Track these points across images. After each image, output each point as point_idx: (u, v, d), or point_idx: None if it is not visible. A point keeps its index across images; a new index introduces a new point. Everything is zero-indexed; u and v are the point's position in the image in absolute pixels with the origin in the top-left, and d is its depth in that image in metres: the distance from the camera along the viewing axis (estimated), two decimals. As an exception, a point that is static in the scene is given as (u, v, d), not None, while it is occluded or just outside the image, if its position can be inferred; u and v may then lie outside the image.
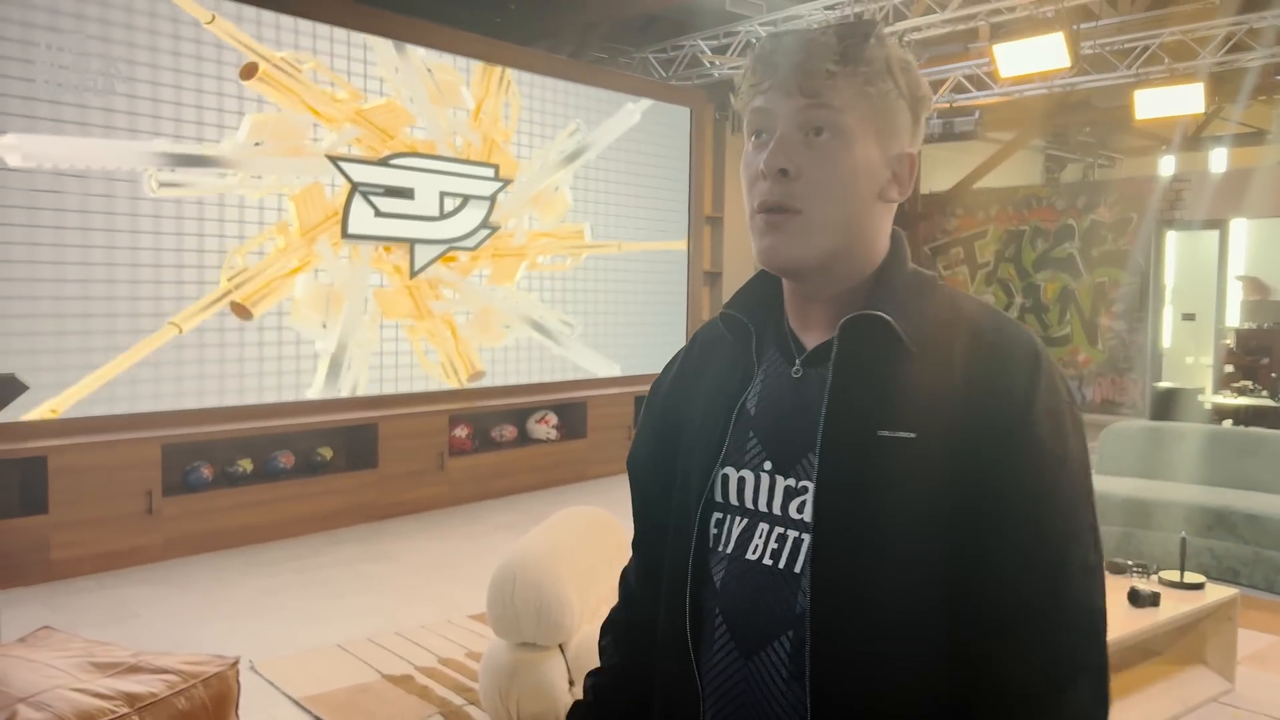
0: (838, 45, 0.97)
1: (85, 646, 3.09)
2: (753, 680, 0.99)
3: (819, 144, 0.97)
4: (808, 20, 7.74)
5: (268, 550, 5.44)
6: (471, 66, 6.90)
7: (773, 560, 0.99)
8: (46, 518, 4.78)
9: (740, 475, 1.03)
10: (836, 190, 0.98)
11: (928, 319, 1.00)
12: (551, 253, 7.58)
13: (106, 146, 5.13)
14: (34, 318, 4.91)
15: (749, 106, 1.02)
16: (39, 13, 4.85)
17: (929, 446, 0.94)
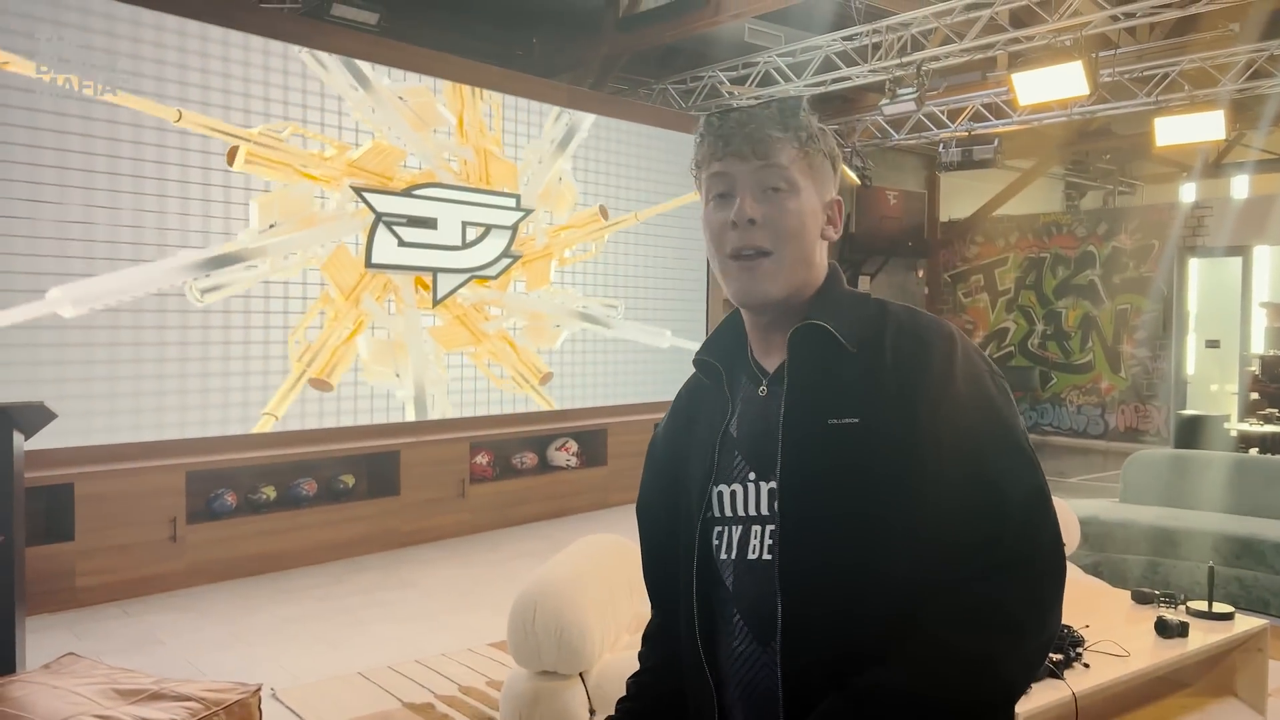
0: (779, 116, 1.20)
1: (109, 673, 3.11)
2: (771, 663, 1.14)
3: (775, 197, 1.19)
4: (825, 49, 7.80)
5: (290, 577, 5.46)
6: (440, 84, 6.73)
7: (771, 555, 1.15)
8: (73, 545, 4.83)
9: (731, 489, 1.21)
10: (794, 232, 1.19)
11: (861, 323, 1.19)
12: (575, 244, 7.66)
13: (144, 272, 5.31)
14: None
15: (708, 172, 1.22)
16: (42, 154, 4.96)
17: (872, 427, 1.12)
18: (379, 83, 6.29)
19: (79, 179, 5.03)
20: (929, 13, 7.06)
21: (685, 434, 1.32)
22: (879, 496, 1.10)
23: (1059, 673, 2.70)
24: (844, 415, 1.13)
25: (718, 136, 1.21)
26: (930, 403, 1.11)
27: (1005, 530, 1.08)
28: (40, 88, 4.85)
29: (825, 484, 1.12)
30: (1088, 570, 4.60)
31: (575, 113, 7.71)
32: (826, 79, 8.06)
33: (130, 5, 5.16)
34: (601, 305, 7.83)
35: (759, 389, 1.23)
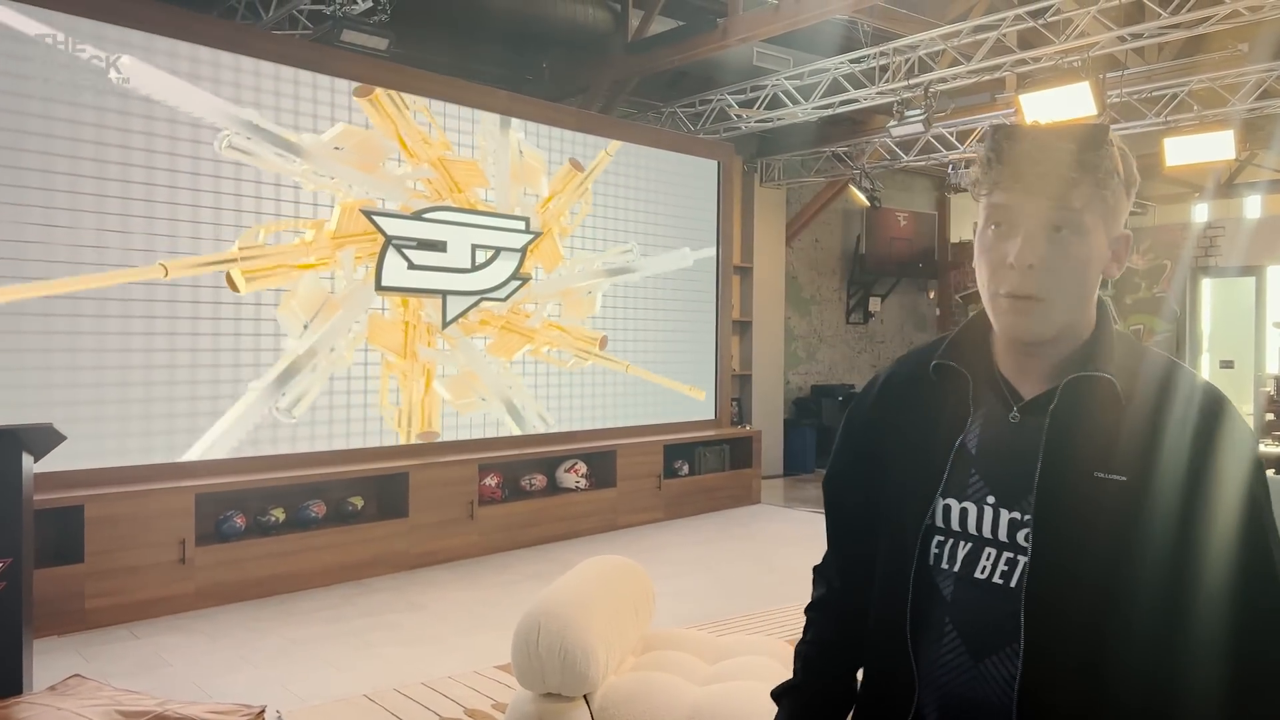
0: (1078, 153, 1.12)
1: (113, 695, 3.12)
2: (982, 679, 1.16)
3: (1059, 239, 1.14)
4: (833, 72, 7.83)
5: (299, 600, 5.46)
6: (555, 160, 7.27)
7: (1003, 580, 1.16)
8: (82, 567, 4.84)
9: (962, 506, 1.20)
10: (1074, 279, 1.15)
11: (1137, 376, 1.17)
12: (560, 347, 7.52)
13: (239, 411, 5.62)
14: (99, 386, 5.02)
15: (989, 199, 1.17)
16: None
17: (1140, 488, 1.11)
18: (305, 143, 5.99)
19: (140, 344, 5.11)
20: (936, 35, 7.09)
21: (895, 427, 1.30)
22: (1134, 554, 1.11)
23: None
24: (1111, 471, 1.12)
25: (1008, 164, 1.14)
26: (1213, 486, 1.11)
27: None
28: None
29: (1082, 533, 1.12)
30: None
31: (640, 259, 8.04)
32: (834, 101, 8.09)
33: (139, 31, 5.24)
34: (619, 254, 7.87)
35: (1010, 414, 1.20)
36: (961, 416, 1.23)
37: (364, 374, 6.28)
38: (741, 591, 5.74)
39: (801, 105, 8.22)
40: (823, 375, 11.81)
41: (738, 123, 8.78)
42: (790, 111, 8.35)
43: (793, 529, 7.64)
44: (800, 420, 11.02)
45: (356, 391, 6.23)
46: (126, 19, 5.20)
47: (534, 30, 7.73)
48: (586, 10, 7.89)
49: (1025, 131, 1.16)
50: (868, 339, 12.45)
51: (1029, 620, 1.12)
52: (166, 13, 5.41)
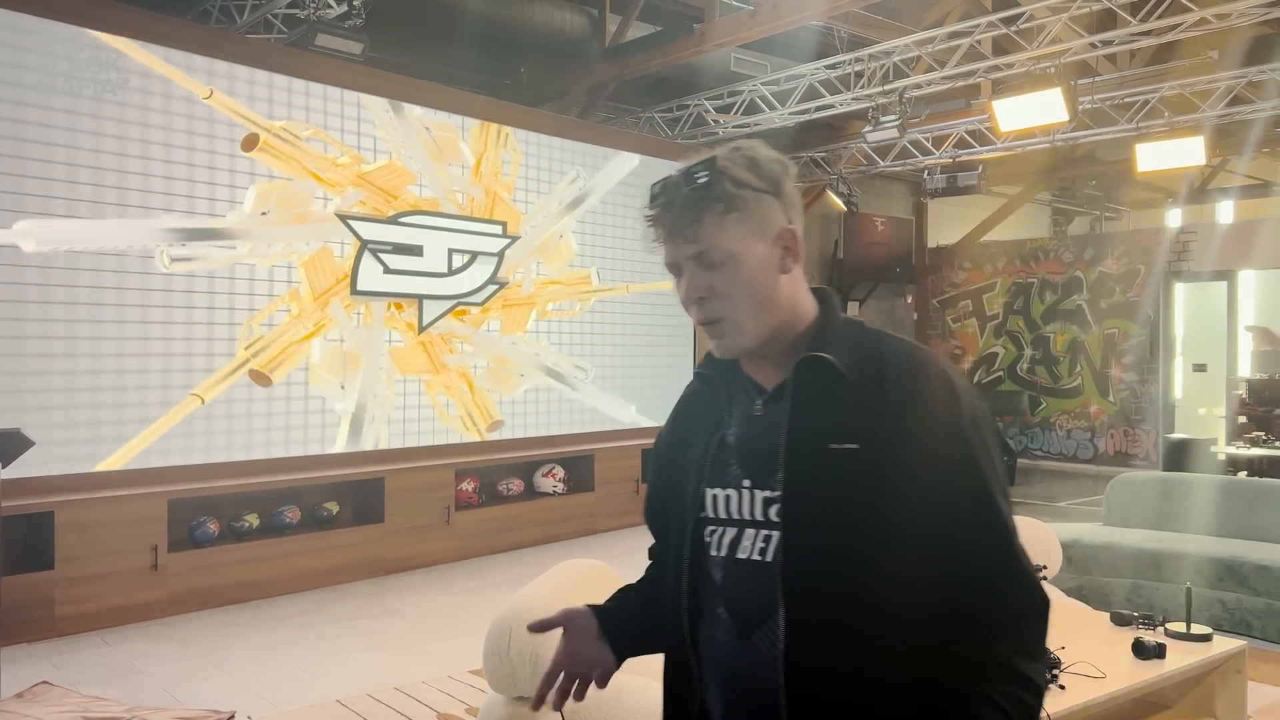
0: (696, 193, 1.23)
1: (81, 702, 3.10)
2: (751, 654, 1.23)
3: (716, 268, 1.24)
4: (809, 78, 7.87)
5: (273, 605, 5.43)
6: (468, 123, 6.99)
7: (760, 556, 1.23)
8: (52, 573, 4.80)
9: (726, 494, 1.29)
10: (744, 294, 1.25)
11: (861, 354, 1.26)
12: (560, 299, 7.67)
13: (118, 226, 5.26)
14: (47, 392, 4.98)
15: (663, 261, 1.30)
16: (54, 96, 5.00)
17: (869, 454, 1.19)
18: (410, 109, 6.50)
19: (88, 124, 5.15)
20: (911, 41, 7.14)
21: (684, 436, 1.40)
22: (872, 513, 1.18)
23: (1034, 695, 2.68)
24: (844, 441, 1.20)
25: (655, 224, 1.27)
26: (927, 441, 1.20)
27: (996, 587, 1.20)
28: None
29: (825, 500, 1.20)
30: (1071, 594, 4.59)
31: (590, 179, 7.88)
32: (811, 107, 8.13)
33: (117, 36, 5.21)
34: (572, 364, 7.80)
35: (755, 406, 1.30)
36: (720, 416, 1.34)
37: (417, 402, 6.59)
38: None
39: (779, 110, 8.26)
40: (801, 379, 11.82)
41: (715, 128, 8.81)
42: (767, 117, 8.38)
43: (770, 533, 7.64)
44: (779, 424, 11.02)
45: (411, 419, 6.58)
46: (107, 24, 5.17)
47: (511, 36, 7.73)
48: (564, 15, 7.89)
49: (661, 188, 1.28)
50: (846, 343, 12.46)
51: (787, 591, 1.19)
52: (144, 18, 5.38)
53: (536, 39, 7.87)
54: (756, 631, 1.22)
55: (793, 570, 1.20)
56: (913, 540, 1.18)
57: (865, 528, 1.18)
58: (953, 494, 1.20)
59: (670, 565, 1.35)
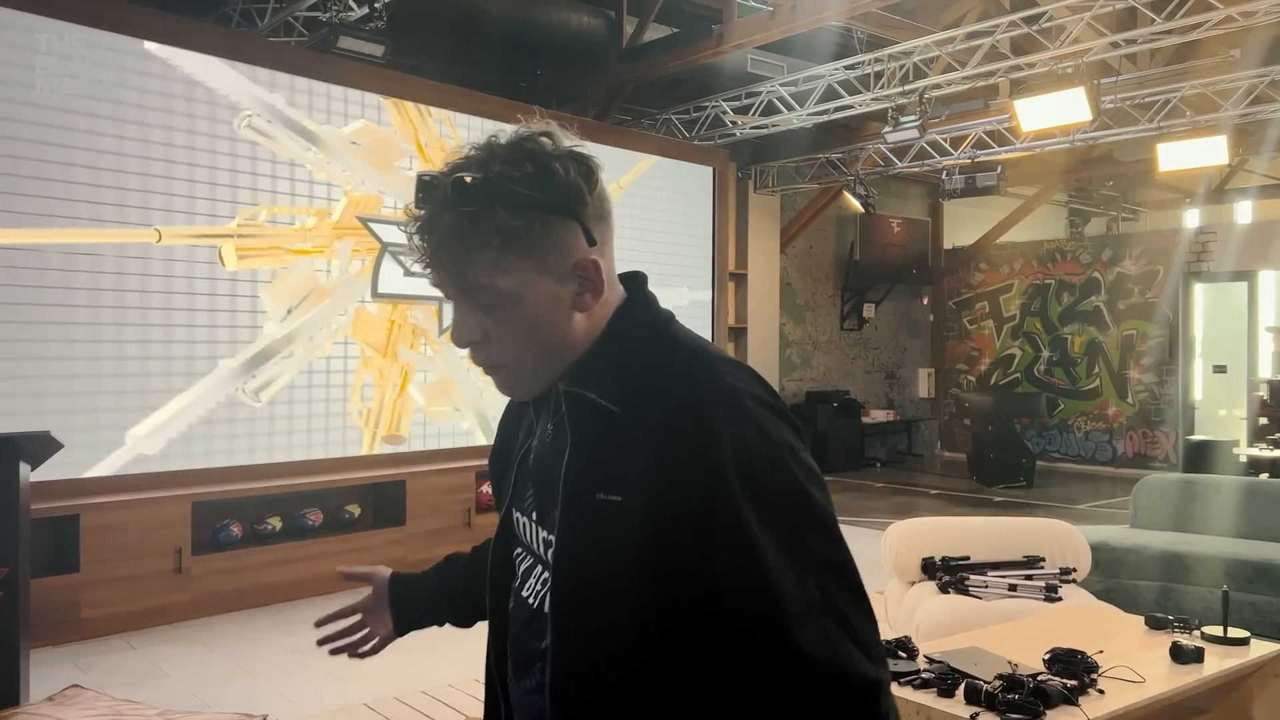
0: (458, 225, 0.99)
1: (113, 705, 3.09)
2: (522, 698, 1.12)
3: (489, 310, 1.03)
4: (828, 78, 7.85)
5: (296, 608, 5.43)
6: (485, 125, 6.85)
7: (535, 600, 1.11)
8: (77, 576, 4.80)
9: (523, 520, 1.16)
10: (525, 340, 1.05)
11: (634, 380, 1.04)
12: None
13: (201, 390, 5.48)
14: (69, 395, 5.00)
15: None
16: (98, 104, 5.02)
17: (633, 510, 0.99)
18: (327, 135, 6.06)
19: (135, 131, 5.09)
20: (930, 41, 7.11)
21: (507, 444, 1.25)
22: (633, 580, 0.99)
23: (1074, 699, 2.66)
24: (609, 490, 1.01)
25: (422, 236, 1.03)
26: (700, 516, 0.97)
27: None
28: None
29: (591, 558, 1.02)
30: (1099, 596, 4.55)
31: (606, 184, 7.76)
32: (829, 108, 8.11)
33: (133, 39, 5.23)
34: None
35: (547, 428, 1.14)
36: (529, 430, 1.19)
37: (333, 373, 6.13)
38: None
39: (797, 111, 8.24)
40: (818, 382, 11.82)
41: (732, 129, 8.79)
42: (785, 118, 8.36)
43: (790, 535, 7.61)
44: (795, 426, 10.99)
45: (325, 384, 6.06)
46: (131, 28, 5.19)
47: (529, 38, 7.72)
48: (581, 18, 7.89)
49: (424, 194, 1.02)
50: (862, 345, 12.46)
51: (556, 649, 1.04)
52: (168, 21, 5.39)
53: (553, 41, 7.86)
54: (524, 679, 1.11)
55: (560, 632, 1.03)
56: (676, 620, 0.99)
57: (625, 593, 0.99)
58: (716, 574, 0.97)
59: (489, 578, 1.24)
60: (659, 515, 0.98)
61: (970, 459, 10.86)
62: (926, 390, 13.05)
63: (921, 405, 13.12)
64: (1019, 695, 2.60)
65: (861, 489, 10.20)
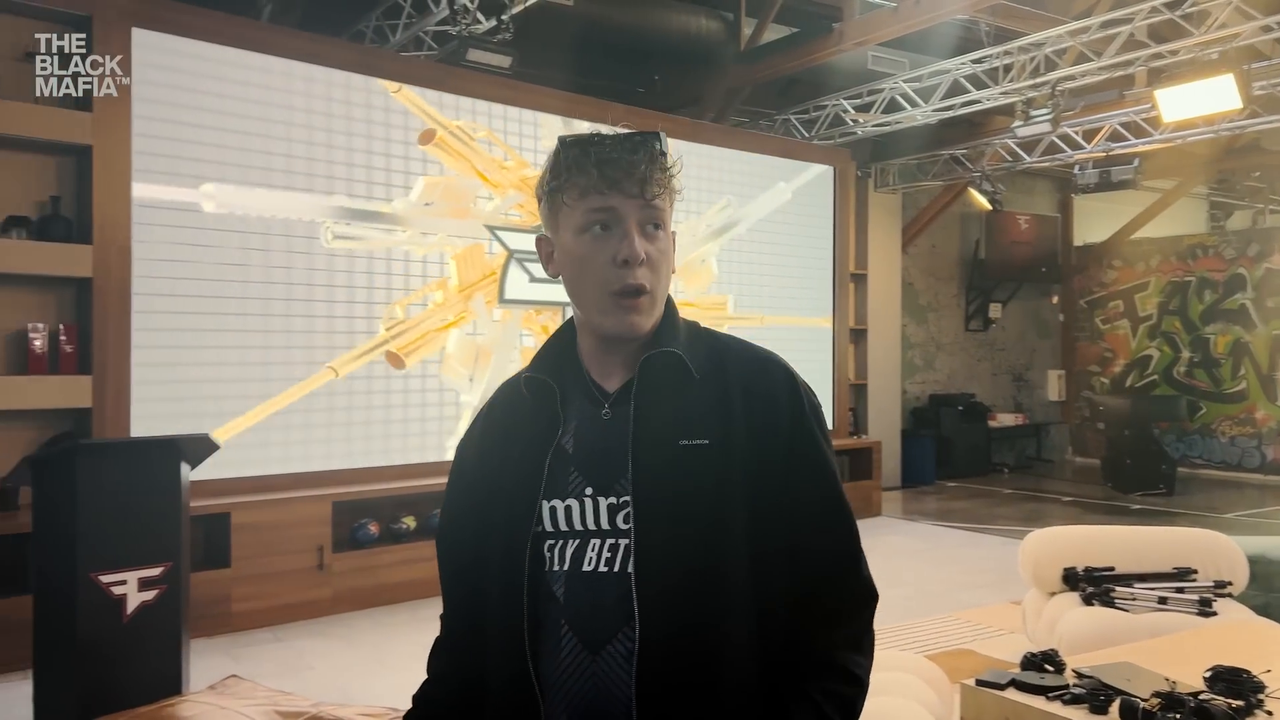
0: (658, 157, 1.23)
1: (269, 695, 3.24)
2: (600, 672, 1.16)
3: (654, 235, 1.24)
4: (954, 73, 7.66)
5: (429, 606, 5.58)
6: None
7: (608, 567, 1.18)
8: (229, 571, 5.06)
9: (566, 505, 1.22)
10: (666, 271, 1.26)
11: (703, 352, 1.28)
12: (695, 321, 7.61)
13: (292, 199, 5.55)
14: (214, 353, 5.26)
15: (590, 204, 1.22)
16: (254, 72, 5.29)
17: (721, 449, 1.20)
18: (402, 210, 6.07)
19: (237, 223, 5.34)
20: (1063, 31, 6.86)
21: (501, 450, 1.30)
22: (726, 513, 1.18)
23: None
24: (694, 437, 1.20)
25: (601, 171, 1.21)
26: (778, 437, 1.23)
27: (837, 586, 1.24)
28: (206, 147, 5.19)
29: (677, 501, 1.17)
30: (1258, 611, 4.30)
31: (740, 207, 7.88)
32: (955, 103, 7.90)
33: (281, 59, 5.49)
34: (718, 211, 7.81)
35: (601, 410, 1.25)
36: (555, 423, 1.26)
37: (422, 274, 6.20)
38: (868, 605, 5.63)
39: (921, 108, 8.06)
40: (941, 384, 11.54)
41: (853, 128, 8.66)
42: (908, 114, 8.19)
43: (915, 542, 7.46)
44: (918, 430, 10.77)
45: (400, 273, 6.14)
46: (270, 48, 5.44)
47: (646, 44, 7.79)
48: (699, 21, 7.91)
49: (603, 139, 1.24)
50: (988, 346, 12.11)
51: (641, 598, 1.14)
52: (303, 40, 5.64)
53: (671, 46, 7.91)
54: (607, 646, 1.16)
55: (644, 575, 1.15)
56: (761, 538, 1.19)
57: (715, 526, 1.17)
58: (802, 491, 1.22)
59: (499, 591, 1.24)
60: (750, 450, 1.20)
61: (1104, 465, 10.42)
62: (1057, 393, 12.58)
63: (1051, 409, 12.66)
64: (1180, 715, 2.48)
65: (989, 495, 9.90)
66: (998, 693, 2.77)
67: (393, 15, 6.27)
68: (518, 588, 1.21)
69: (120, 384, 4.91)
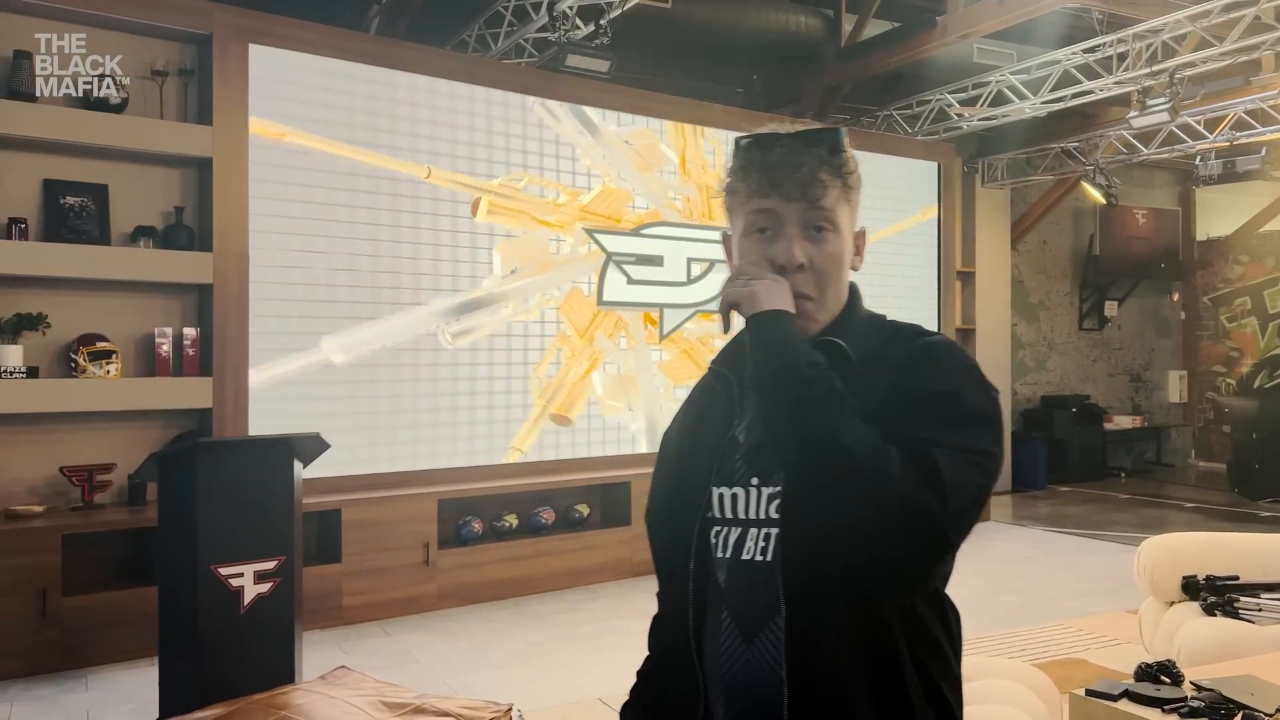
0: (827, 156, 1.22)
1: (376, 686, 3.34)
2: (753, 659, 1.19)
3: (818, 238, 1.24)
4: (1064, 63, 7.41)
5: (532, 603, 5.68)
6: (663, 125, 6.91)
7: (762, 556, 1.20)
8: (340, 566, 5.23)
9: (733, 492, 1.25)
10: (834, 275, 1.25)
11: (873, 345, 1.25)
12: None
13: (403, 319, 5.75)
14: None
15: (752, 208, 1.24)
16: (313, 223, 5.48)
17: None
18: (606, 129, 6.53)
19: (344, 230, 5.52)
20: (1182, 16, 6.56)
21: (693, 434, 1.36)
22: None
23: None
24: None
25: (764, 174, 1.23)
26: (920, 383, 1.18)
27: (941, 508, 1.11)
28: (316, 157, 5.38)
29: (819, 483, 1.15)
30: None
31: None
32: (1066, 94, 7.64)
33: (387, 69, 5.65)
34: None
35: None
36: (731, 412, 1.30)
37: (540, 334, 6.32)
38: (977, 613, 5.48)
39: (1029, 100, 7.82)
40: (1054, 385, 11.15)
41: (958, 122, 8.46)
42: (1016, 107, 7.95)
43: (1027, 548, 7.23)
44: (1029, 433, 10.44)
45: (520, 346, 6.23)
46: (378, 59, 5.62)
47: (745, 43, 7.75)
48: (798, 19, 7.84)
49: (774, 139, 1.24)
50: (1103, 346, 11.65)
51: (787, 589, 1.16)
52: (410, 51, 5.81)
53: (770, 44, 7.85)
54: (759, 635, 1.19)
55: (792, 569, 1.17)
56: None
57: None
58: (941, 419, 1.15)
59: (675, 569, 1.30)
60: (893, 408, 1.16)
61: (1231, 469, 9.91)
62: (1178, 394, 12.02)
63: (1172, 411, 12.10)
64: (1309, 732, 2.35)
65: (1105, 501, 9.53)
66: (1109, 704, 2.66)
67: (494, 24, 6.41)
68: (686, 572, 1.27)
69: (238, 385, 5.14)
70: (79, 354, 4.79)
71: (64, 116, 4.74)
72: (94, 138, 4.79)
